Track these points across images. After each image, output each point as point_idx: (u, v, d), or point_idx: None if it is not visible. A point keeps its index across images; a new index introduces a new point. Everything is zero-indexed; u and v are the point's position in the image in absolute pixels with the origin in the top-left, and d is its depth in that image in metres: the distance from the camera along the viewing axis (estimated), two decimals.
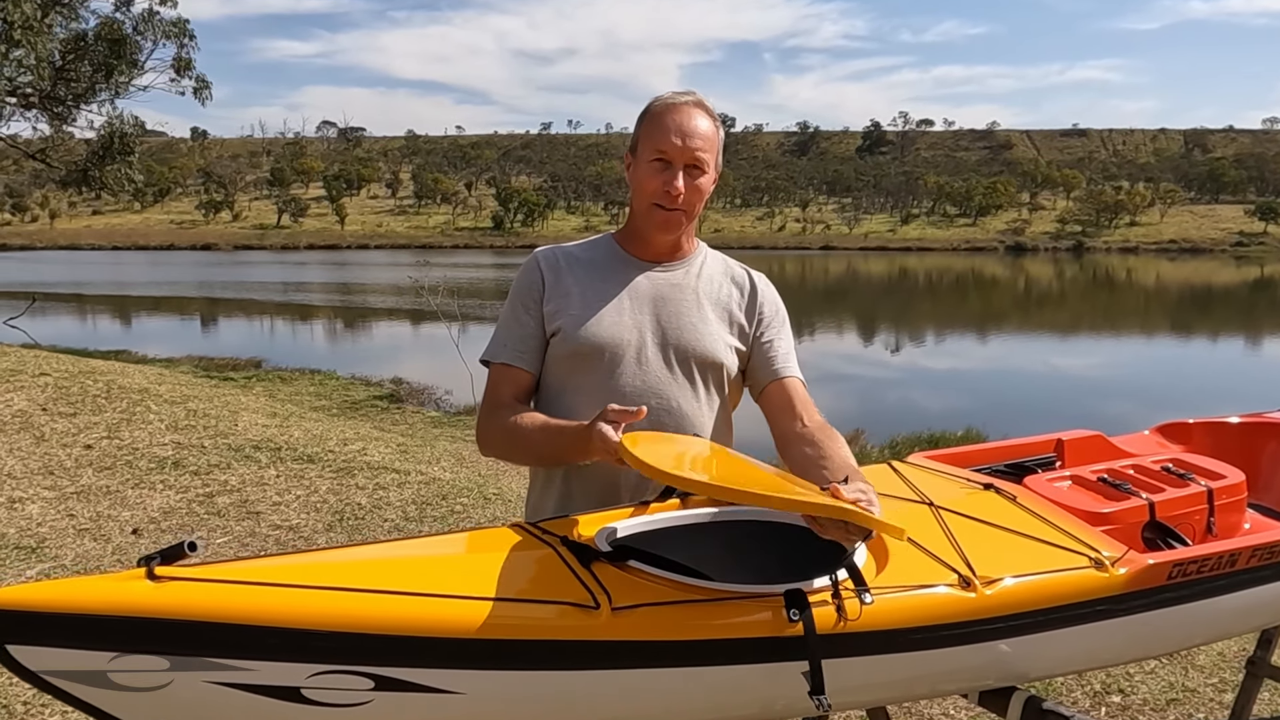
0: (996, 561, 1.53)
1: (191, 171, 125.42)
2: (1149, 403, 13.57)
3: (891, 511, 1.68)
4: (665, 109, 1.61)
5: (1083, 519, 1.79)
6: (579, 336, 1.62)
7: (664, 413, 1.62)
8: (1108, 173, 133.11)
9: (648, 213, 1.64)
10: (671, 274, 1.71)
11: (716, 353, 1.67)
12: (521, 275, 1.73)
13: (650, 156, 1.61)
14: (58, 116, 12.73)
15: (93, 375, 6.52)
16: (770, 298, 1.77)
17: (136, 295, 32.78)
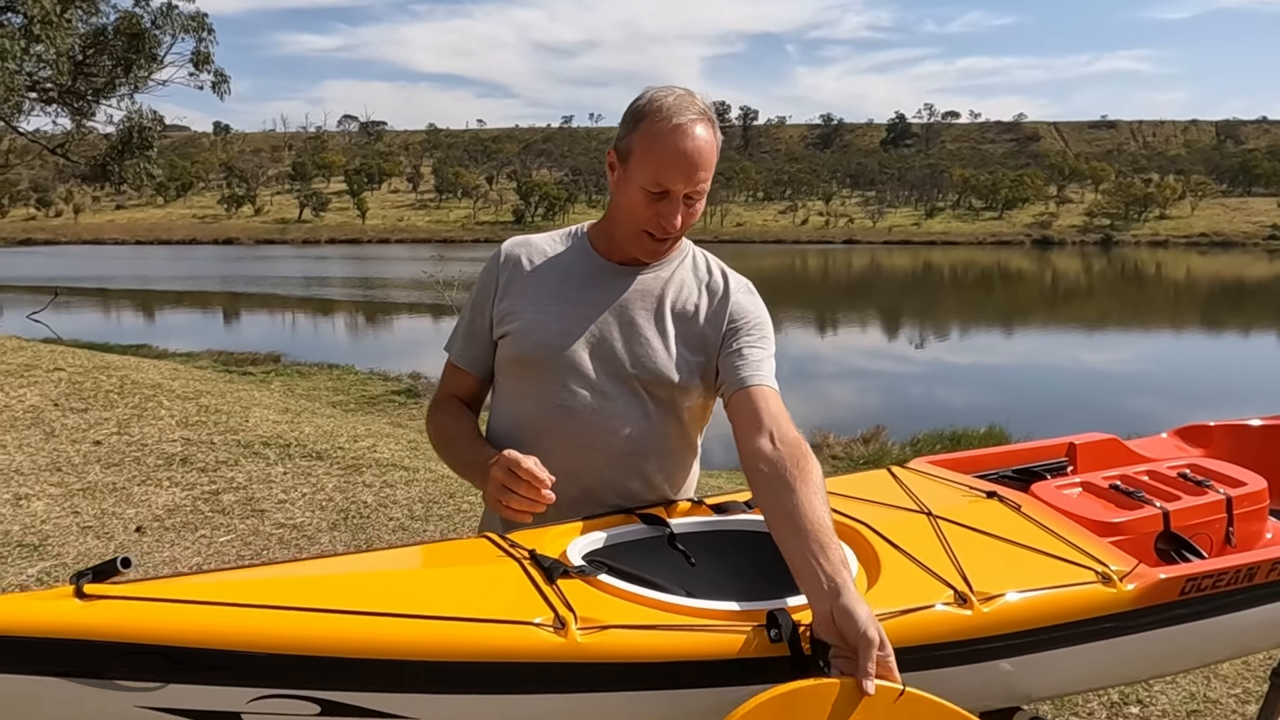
0: (996, 576, 1.43)
1: (214, 166, 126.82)
2: (1176, 400, 13.32)
3: (887, 522, 1.59)
4: (670, 132, 1.42)
5: (1091, 530, 1.69)
6: (523, 343, 1.53)
7: (607, 433, 1.51)
8: (1137, 165, 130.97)
9: (635, 238, 1.52)
10: (640, 278, 1.57)
11: (666, 370, 1.52)
12: (484, 269, 1.64)
13: (648, 186, 1.45)
14: (78, 111, 12.86)
15: (107, 370, 6.56)
16: (744, 305, 1.60)
17: (159, 290, 33.18)
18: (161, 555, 3.73)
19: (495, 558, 1.31)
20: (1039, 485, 1.94)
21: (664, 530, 1.52)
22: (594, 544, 1.42)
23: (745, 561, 1.55)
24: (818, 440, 10.10)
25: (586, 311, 1.54)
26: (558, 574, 1.26)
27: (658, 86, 1.50)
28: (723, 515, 1.60)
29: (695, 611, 1.25)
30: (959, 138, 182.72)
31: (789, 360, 18.58)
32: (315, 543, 3.93)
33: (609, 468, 1.53)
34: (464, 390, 1.65)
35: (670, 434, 1.57)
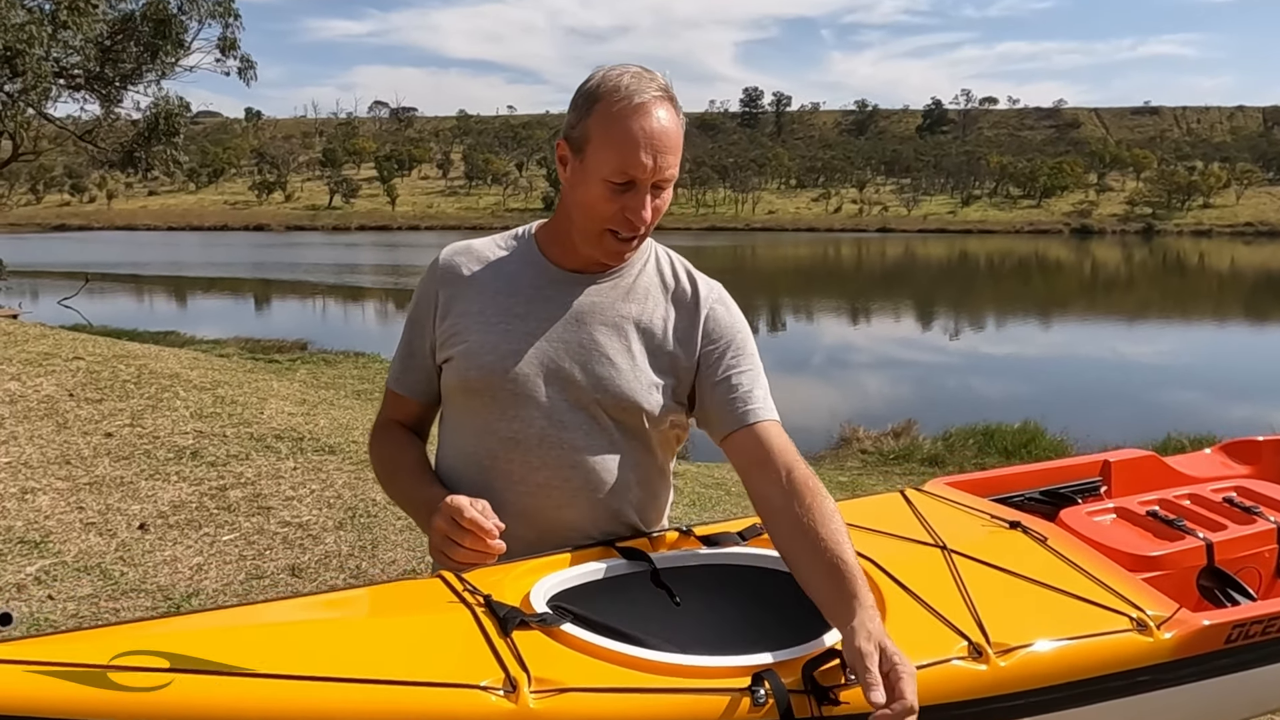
0: (1016, 624, 1.26)
1: (245, 152, 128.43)
2: (1219, 394, 12.92)
3: (897, 558, 1.43)
4: (631, 112, 1.25)
5: (1126, 565, 1.51)
6: (467, 368, 1.36)
7: (569, 467, 1.34)
8: (1181, 152, 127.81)
9: (597, 238, 1.33)
10: (597, 288, 1.38)
11: (633, 394, 1.34)
12: (422, 280, 1.46)
13: (611, 176, 1.26)
14: (105, 98, 12.93)
15: (126, 359, 6.53)
16: (721, 319, 1.40)
17: (189, 276, 33.63)
18: (163, 554, 3.66)
19: (446, 604, 1.16)
20: (1069, 512, 1.77)
21: (646, 566, 1.37)
22: (564, 583, 1.26)
23: (738, 601, 1.40)
24: (847, 434, 9.87)
25: (537, 328, 1.35)
26: (514, 624, 1.10)
27: (609, 65, 1.32)
28: (714, 549, 1.45)
29: (670, 669, 1.09)
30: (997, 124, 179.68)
31: (821, 350, 18.36)
32: (320, 543, 3.83)
33: (569, 506, 1.35)
34: (407, 416, 1.49)
35: (639, 464, 1.39)
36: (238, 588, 3.44)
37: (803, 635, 1.22)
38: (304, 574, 3.57)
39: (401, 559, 3.71)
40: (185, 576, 3.50)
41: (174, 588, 3.40)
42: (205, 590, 3.40)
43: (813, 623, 1.24)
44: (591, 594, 1.29)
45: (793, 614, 1.31)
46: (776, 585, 1.36)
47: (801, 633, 1.24)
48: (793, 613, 1.31)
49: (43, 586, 3.34)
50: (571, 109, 1.32)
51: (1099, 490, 2.03)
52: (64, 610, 3.20)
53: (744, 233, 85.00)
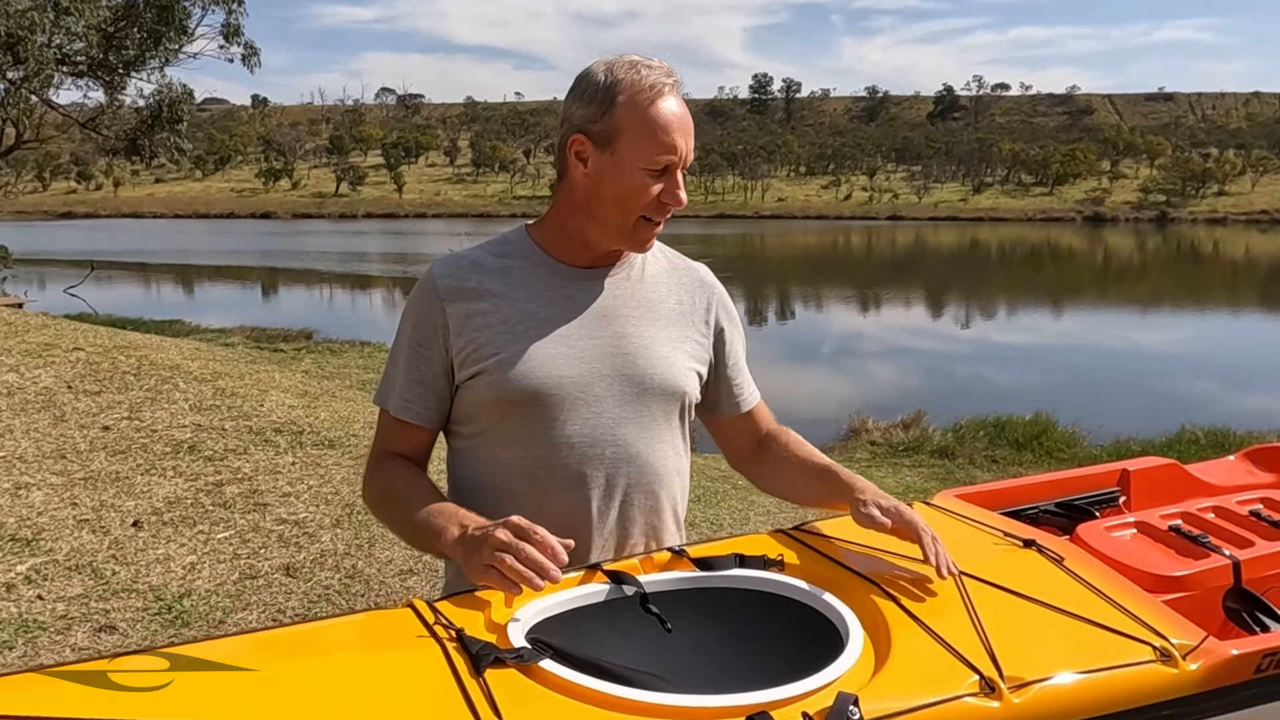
0: (1031, 655, 1.17)
1: (252, 139, 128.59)
2: (1233, 384, 12.77)
3: (903, 581, 1.33)
4: (655, 97, 1.29)
5: (1147, 585, 1.41)
6: (510, 380, 1.30)
7: (622, 461, 1.35)
8: (1195, 139, 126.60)
9: (632, 229, 1.33)
10: (613, 281, 1.39)
11: (678, 379, 1.39)
12: (416, 300, 1.37)
13: (651, 164, 1.29)
14: (109, 85, 12.85)
15: (127, 350, 6.47)
16: (726, 301, 1.50)
17: (195, 265, 33.62)
18: (156, 553, 3.59)
19: (416, 638, 1.07)
20: (1086, 527, 1.67)
21: (634, 590, 1.28)
22: (545, 612, 1.18)
23: (733, 626, 1.30)
24: (856, 425, 9.76)
25: (568, 330, 1.34)
26: (487, 662, 1.01)
27: (610, 59, 1.34)
28: (708, 571, 1.36)
29: (657, 710, 1.00)
30: (1009, 110, 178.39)
31: (831, 339, 18.23)
32: (316, 541, 3.76)
33: (628, 504, 1.37)
34: (413, 446, 1.39)
35: (680, 452, 1.45)
36: (230, 588, 3.37)
37: (801, 666, 1.13)
38: (298, 574, 3.50)
39: (398, 558, 3.64)
40: (178, 576, 3.43)
41: (166, 588, 3.34)
42: (197, 591, 3.33)
43: (811, 651, 1.17)
44: (575, 622, 1.21)
45: (790, 640, 1.24)
46: (773, 610, 1.28)
47: (799, 663, 1.16)
48: (790, 639, 1.24)
49: (33, 586, 3.28)
50: (584, 104, 1.31)
51: (1117, 501, 1.93)
52: (53, 611, 3.14)
53: (753, 220, 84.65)
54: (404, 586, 3.42)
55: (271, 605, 3.26)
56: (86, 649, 2.94)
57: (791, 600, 1.27)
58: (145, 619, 3.13)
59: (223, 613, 3.19)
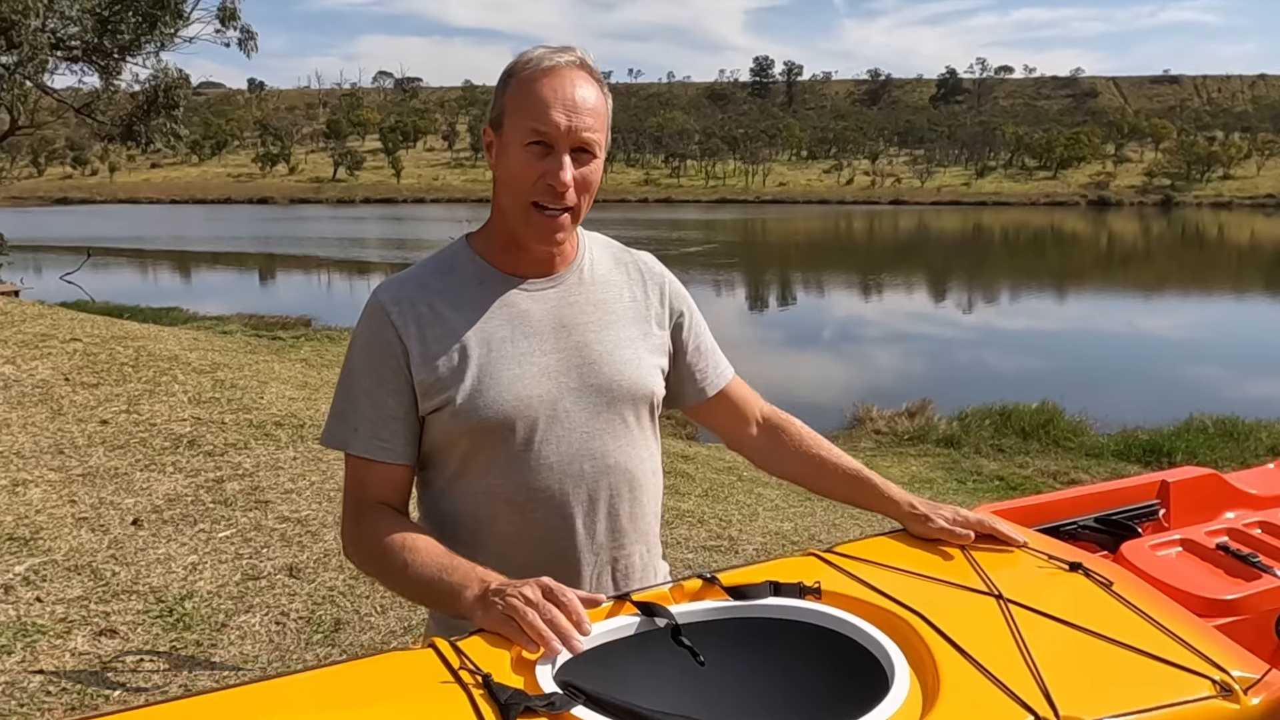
0: (1086, 691, 1.10)
1: (248, 124, 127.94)
2: (1239, 369, 12.71)
3: (947, 610, 1.26)
4: (540, 75, 1.23)
5: (1199, 610, 1.35)
6: (478, 408, 1.24)
7: (601, 474, 1.31)
8: (1200, 122, 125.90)
9: (525, 216, 1.26)
10: (563, 288, 1.33)
11: (645, 380, 1.36)
12: (366, 331, 1.29)
13: (525, 138, 1.23)
14: (104, 70, 12.69)
15: (124, 341, 6.40)
16: (677, 289, 1.46)
17: (192, 251, 33.44)
18: (156, 552, 3.53)
19: (439, 686, 1.00)
20: (1130, 546, 1.60)
21: (666, 622, 1.20)
22: (571, 654, 1.11)
23: (769, 659, 1.23)
24: (860, 414, 9.68)
25: (528, 346, 1.29)
26: (517, 711, 0.95)
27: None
28: (742, 600, 1.28)
29: None
30: (1012, 93, 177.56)
31: (833, 325, 18.12)
32: (319, 540, 3.70)
33: (614, 515, 1.34)
34: (393, 488, 1.29)
35: (654, 453, 1.41)
36: (233, 589, 3.31)
37: (842, 703, 1.07)
38: (302, 574, 3.43)
39: None
40: (179, 577, 3.37)
41: (167, 589, 3.27)
42: (199, 592, 3.27)
43: (852, 687, 1.11)
44: (605, 658, 1.14)
45: (829, 674, 1.18)
46: (811, 641, 1.22)
47: (840, 699, 1.10)
48: (830, 672, 1.18)
49: (31, 587, 3.22)
50: (493, 97, 1.30)
51: (1156, 515, 1.85)
52: (52, 614, 3.08)
53: (754, 205, 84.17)
54: None
55: (275, 607, 3.20)
56: (87, 653, 2.88)
57: (830, 631, 1.20)
58: (146, 622, 3.07)
59: (225, 615, 3.13)
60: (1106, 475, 7.02)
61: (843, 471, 1.49)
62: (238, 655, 2.91)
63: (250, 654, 2.93)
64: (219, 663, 2.86)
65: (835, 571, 1.33)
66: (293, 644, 3.00)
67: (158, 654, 2.91)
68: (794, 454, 1.50)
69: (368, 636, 3.06)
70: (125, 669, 2.81)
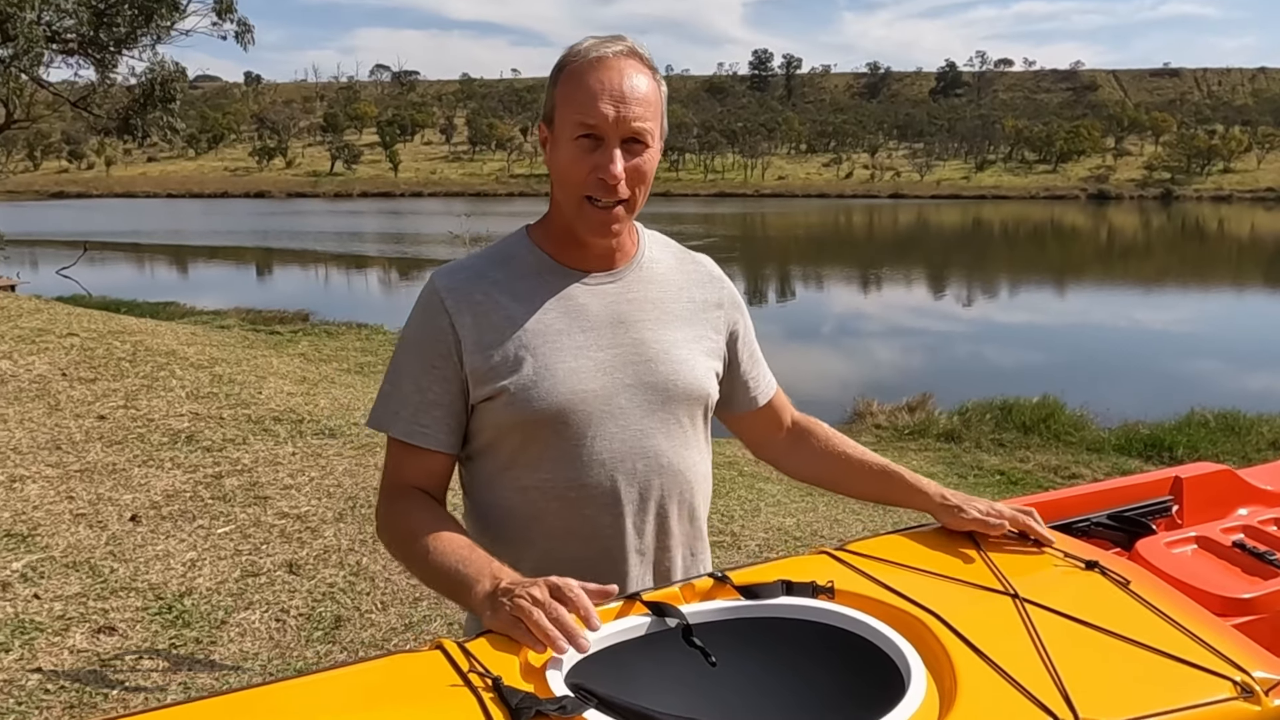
0: (1106, 693, 1.08)
1: (245, 117, 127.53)
2: (1239, 364, 12.69)
3: (962, 610, 1.23)
4: (589, 66, 1.20)
5: (1216, 609, 1.33)
6: (533, 400, 1.23)
7: (654, 474, 1.29)
8: (1201, 115, 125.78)
9: (578, 210, 1.24)
10: (622, 284, 1.32)
11: (700, 381, 1.34)
12: (419, 317, 1.28)
13: (574, 132, 1.21)
14: (100, 63, 12.60)
15: (121, 335, 6.36)
16: (735, 294, 1.44)
17: (189, 245, 33.28)
18: (155, 549, 3.50)
19: (448, 688, 0.98)
20: (1145, 543, 1.57)
21: (677, 622, 1.18)
22: (582, 655, 1.09)
23: (782, 659, 1.21)
24: (861, 408, 9.65)
25: (585, 340, 1.27)
26: (528, 716, 0.93)
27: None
28: (753, 599, 1.26)
29: None
30: (1012, 87, 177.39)
31: (833, 320, 18.09)
32: (319, 536, 3.67)
33: (663, 515, 1.32)
34: (430, 474, 1.28)
35: (705, 455, 1.39)
36: (232, 586, 3.28)
37: (856, 705, 1.07)
38: (301, 570, 3.41)
39: None
40: (178, 574, 3.34)
41: (166, 586, 3.25)
42: (198, 589, 3.24)
43: (866, 688, 1.09)
44: (615, 659, 1.12)
45: (843, 674, 1.16)
46: (824, 641, 1.20)
47: (854, 701, 1.09)
48: (843, 673, 1.16)
49: (29, 584, 3.19)
50: (546, 91, 1.29)
51: (1170, 511, 1.82)
52: (50, 611, 3.06)
53: (753, 199, 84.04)
54: (410, 584, 3.33)
55: (275, 604, 3.17)
56: (85, 651, 2.86)
57: (844, 631, 1.19)
58: (145, 619, 3.05)
59: (225, 612, 3.11)
60: (1108, 470, 6.99)
61: (871, 469, 1.47)
62: (237, 653, 2.89)
63: (250, 651, 2.90)
64: (219, 660, 2.84)
65: (848, 570, 1.31)
66: (293, 641, 2.97)
67: (157, 651, 2.88)
68: (821, 456, 1.49)
69: (368, 633, 3.03)
70: (124, 667, 2.79)
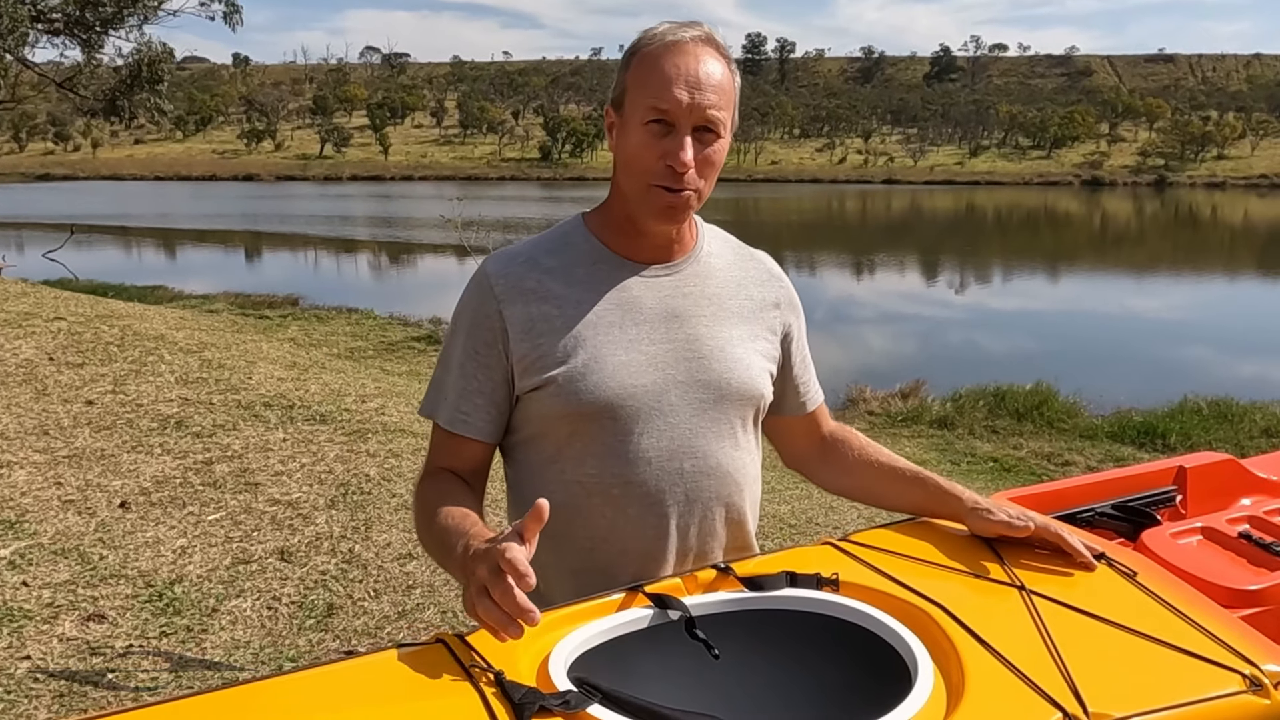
0: (1114, 686, 1.07)
1: (233, 99, 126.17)
2: (1233, 351, 12.74)
3: (969, 602, 1.21)
4: (664, 50, 1.18)
5: (1223, 600, 1.32)
6: (581, 392, 1.21)
7: (702, 474, 1.26)
8: (1195, 102, 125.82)
9: (644, 196, 1.21)
10: (678, 277, 1.28)
11: (755, 381, 1.30)
12: (470, 302, 1.26)
13: (645, 117, 1.17)
14: (86, 43, 12.42)
15: (110, 320, 6.29)
16: (792, 296, 1.40)
17: (177, 229, 32.92)
18: (145, 535, 3.46)
19: (450, 684, 0.97)
20: (1151, 534, 1.56)
21: (680, 615, 1.16)
22: (586, 643, 1.08)
23: (786, 652, 1.20)
24: (854, 395, 9.65)
25: (638, 333, 1.24)
26: (532, 711, 0.92)
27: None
28: (757, 591, 1.24)
29: None
30: (1006, 71, 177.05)
31: (825, 304, 18.07)
32: (310, 523, 3.64)
33: (708, 518, 1.28)
34: (468, 461, 1.28)
35: (755, 459, 1.36)
36: (223, 573, 3.25)
37: (861, 698, 1.05)
38: (293, 558, 3.37)
39: (397, 541, 3.52)
40: (168, 560, 3.30)
41: (156, 573, 3.21)
42: (189, 576, 3.21)
43: (872, 680, 1.09)
44: (618, 651, 1.12)
45: (848, 667, 1.15)
46: (829, 634, 1.19)
47: (859, 694, 1.08)
48: (849, 665, 1.15)
49: (17, 571, 3.15)
50: (616, 75, 1.27)
51: (1174, 501, 1.81)
52: (39, 598, 3.02)
53: (746, 184, 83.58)
54: (403, 572, 3.30)
55: (266, 592, 3.14)
56: (75, 639, 2.82)
57: (850, 624, 1.18)
58: (135, 606, 3.01)
59: (215, 600, 3.07)
60: (1100, 457, 7.01)
61: (904, 478, 1.43)
62: (229, 641, 2.86)
63: (242, 639, 2.87)
64: (210, 648, 2.81)
65: (853, 562, 1.30)
66: (285, 629, 2.94)
67: (147, 639, 2.85)
68: (854, 468, 1.45)
69: (361, 622, 3.01)
70: (114, 654, 2.75)
